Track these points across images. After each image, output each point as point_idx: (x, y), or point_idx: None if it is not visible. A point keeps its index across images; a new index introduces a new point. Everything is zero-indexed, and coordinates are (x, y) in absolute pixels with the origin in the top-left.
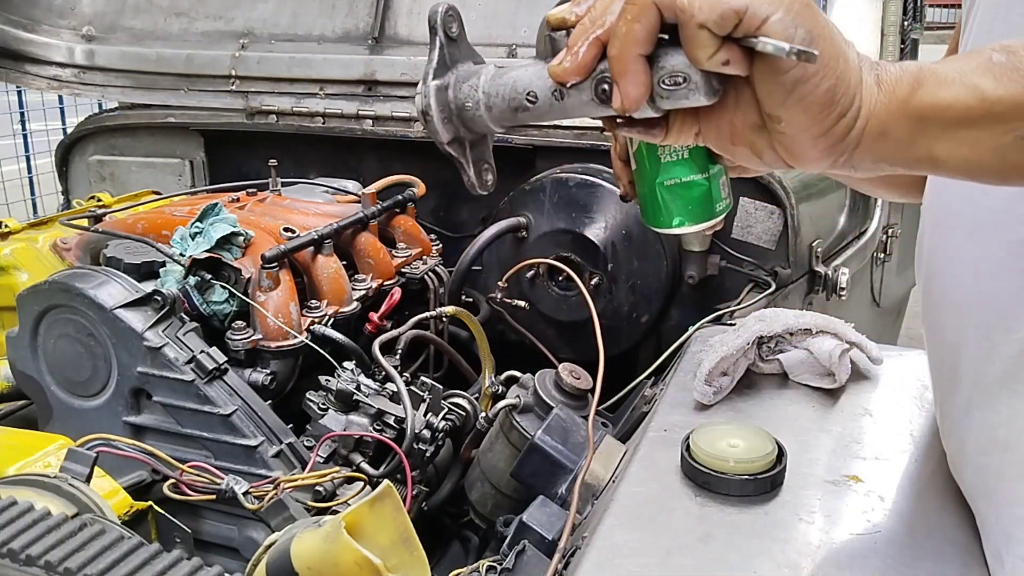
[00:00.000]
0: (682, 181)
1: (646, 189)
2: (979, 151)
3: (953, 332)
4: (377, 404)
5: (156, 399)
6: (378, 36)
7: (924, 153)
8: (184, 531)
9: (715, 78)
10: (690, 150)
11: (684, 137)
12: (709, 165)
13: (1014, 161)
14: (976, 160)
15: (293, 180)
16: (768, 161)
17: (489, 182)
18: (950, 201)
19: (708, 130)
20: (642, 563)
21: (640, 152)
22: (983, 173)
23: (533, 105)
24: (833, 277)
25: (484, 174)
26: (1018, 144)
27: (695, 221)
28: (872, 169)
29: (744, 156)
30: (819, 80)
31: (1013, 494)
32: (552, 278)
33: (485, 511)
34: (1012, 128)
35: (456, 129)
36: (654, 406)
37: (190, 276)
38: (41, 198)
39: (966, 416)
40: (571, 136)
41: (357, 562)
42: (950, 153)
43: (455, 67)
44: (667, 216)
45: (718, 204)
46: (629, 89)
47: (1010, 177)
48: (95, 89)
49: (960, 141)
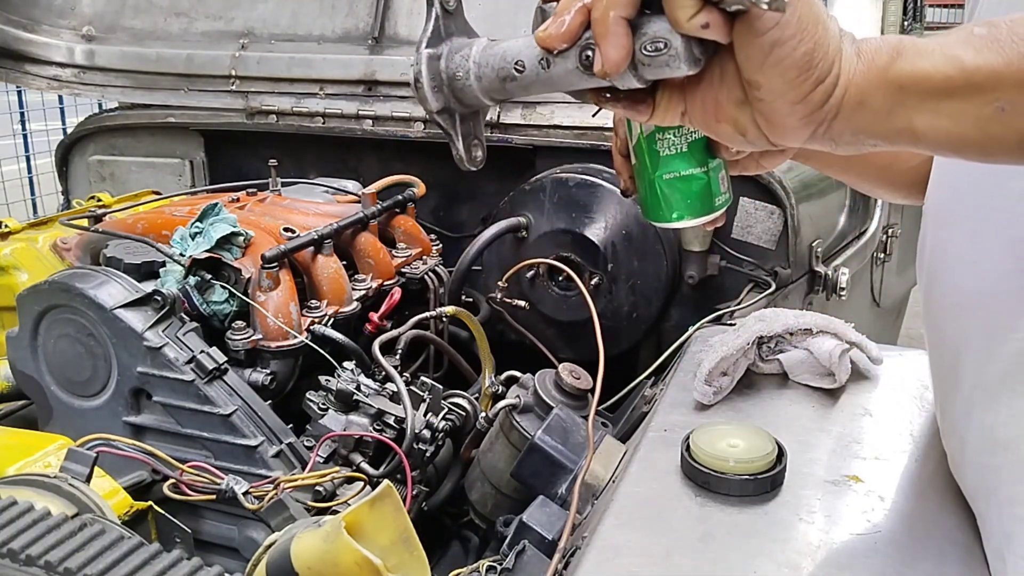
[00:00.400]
0: (681, 175)
1: (646, 183)
2: (960, 123)
3: (954, 331)
4: (377, 404)
5: (156, 399)
6: (378, 36)
7: (904, 124)
8: (184, 531)
9: (696, 46)
10: (689, 143)
11: (670, 115)
12: (708, 159)
13: (995, 133)
14: (957, 133)
15: (293, 180)
16: (751, 138)
17: (478, 158)
18: (953, 200)
19: (693, 107)
20: (642, 563)
21: (639, 146)
22: (964, 147)
23: (520, 75)
24: (833, 277)
25: (473, 149)
26: (999, 116)
27: (695, 215)
28: (852, 142)
29: (728, 134)
30: (796, 43)
31: (1014, 493)
32: (552, 278)
33: (485, 511)
34: (992, 99)
35: (447, 99)
36: (654, 406)
37: (190, 276)
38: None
39: (967, 415)
40: (571, 136)
41: (357, 562)
42: (930, 125)
43: (450, 39)
44: (667, 210)
45: (717, 198)
46: (610, 51)
47: (992, 152)
48: (95, 89)
49: (940, 113)
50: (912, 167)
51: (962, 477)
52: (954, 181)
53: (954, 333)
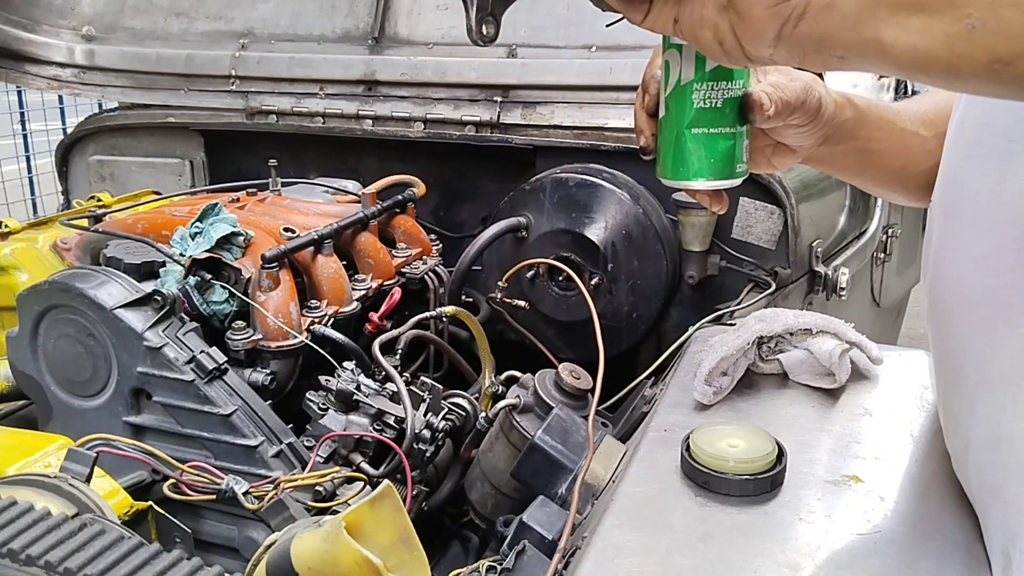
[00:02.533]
0: (710, 132)
1: (672, 138)
2: (928, 39)
3: (959, 327)
4: (377, 404)
5: (156, 399)
6: (378, 36)
7: (871, 35)
8: (184, 531)
9: None
10: (724, 99)
11: (663, 20)
12: (738, 122)
13: (963, 51)
14: (924, 49)
15: (293, 180)
16: (728, 47)
17: (488, 35)
18: (960, 196)
19: (683, 13)
20: (642, 563)
21: (673, 96)
22: (931, 65)
23: None
24: (833, 277)
25: (485, 25)
26: (968, 33)
27: (716, 177)
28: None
29: (708, 42)
30: None
31: (1019, 490)
32: (552, 278)
33: (485, 511)
34: (963, 15)
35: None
36: (654, 406)
37: (190, 276)
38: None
39: (971, 412)
40: (571, 136)
41: (357, 562)
42: (897, 38)
43: None
44: (688, 168)
45: (739, 165)
46: None
47: (958, 71)
48: (95, 89)
49: (909, 27)
50: (925, 169)
51: (965, 475)
52: (962, 177)
53: (959, 329)
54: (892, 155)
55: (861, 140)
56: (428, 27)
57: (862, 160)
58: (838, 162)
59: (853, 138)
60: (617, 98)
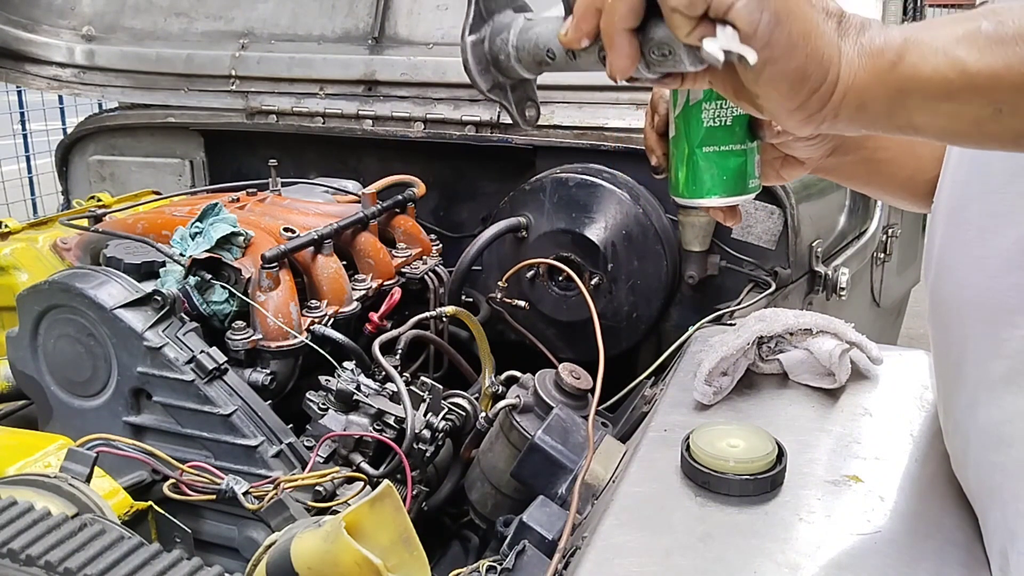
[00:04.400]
0: (721, 150)
1: (683, 157)
2: (958, 122)
3: (960, 328)
4: (377, 404)
5: (156, 399)
6: (378, 36)
7: (904, 122)
8: (184, 531)
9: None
10: (733, 117)
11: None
12: (748, 138)
13: (991, 132)
14: (954, 130)
15: (293, 180)
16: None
17: (533, 118)
18: (963, 198)
19: (716, 82)
20: (642, 563)
21: (683, 116)
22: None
23: (553, 61)
24: (833, 277)
25: (527, 111)
26: (996, 117)
27: (728, 194)
28: (855, 131)
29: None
30: (787, 60)
31: (1018, 490)
32: (552, 278)
33: (485, 511)
34: (991, 101)
35: (494, 78)
36: (654, 406)
37: (190, 276)
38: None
39: (971, 413)
40: (571, 136)
41: (357, 562)
42: (929, 123)
43: (492, 19)
44: (701, 186)
45: (751, 181)
46: (615, 61)
47: (986, 144)
48: (95, 89)
49: (939, 112)
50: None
51: (965, 475)
52: (965, 179)
53: (960, 330)
54: (900, 164)
55: (869, 150)
56: (428, 27)
57: (871, 169)
58: (847, 172)
59: (861, 148)
60: (617, 98)
